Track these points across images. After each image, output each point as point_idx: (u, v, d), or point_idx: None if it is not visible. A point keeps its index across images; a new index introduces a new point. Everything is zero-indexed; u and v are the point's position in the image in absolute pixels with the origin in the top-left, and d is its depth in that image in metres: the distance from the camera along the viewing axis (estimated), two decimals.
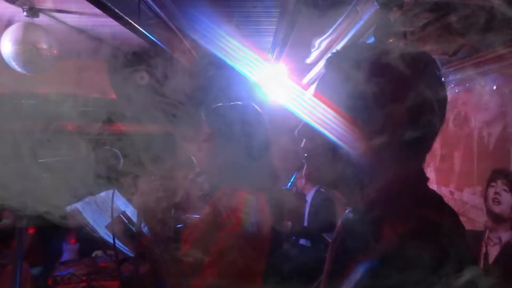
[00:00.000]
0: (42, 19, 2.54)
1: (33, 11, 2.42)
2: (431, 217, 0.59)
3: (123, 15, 1.75)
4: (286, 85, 3.55)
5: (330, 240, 2.45)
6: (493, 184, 1.57)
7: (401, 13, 1.20)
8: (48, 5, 2.48)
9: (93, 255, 4.11)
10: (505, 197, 1.50)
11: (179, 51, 3.40)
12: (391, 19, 1.13)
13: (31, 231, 2.99)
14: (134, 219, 1.86)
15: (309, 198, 3.42)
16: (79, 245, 4.23)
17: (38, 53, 2.32)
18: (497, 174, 1.55)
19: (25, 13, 2.42)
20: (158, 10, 2.32)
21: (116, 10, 1.65)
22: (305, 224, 3.25)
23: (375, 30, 1.17)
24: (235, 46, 3.37)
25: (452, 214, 0.64)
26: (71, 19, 2.75)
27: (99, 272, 3.72)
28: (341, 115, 0.67)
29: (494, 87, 1.58)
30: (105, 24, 2.96)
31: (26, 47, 2.28)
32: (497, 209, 1.53)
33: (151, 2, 2.17)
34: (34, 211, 1.13)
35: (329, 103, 0.69)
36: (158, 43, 2.51)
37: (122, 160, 1.16)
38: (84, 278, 3.54)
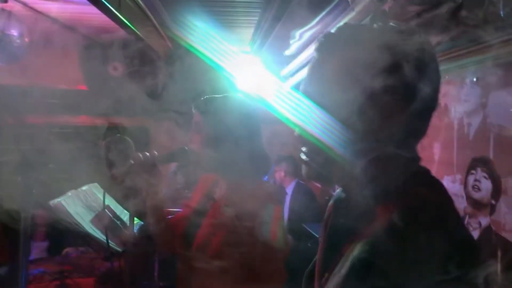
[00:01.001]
0: (10, 4, 2.40)
1: None
2: (424, 194, 0.61)
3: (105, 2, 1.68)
4: (264, 77, 3.55)
5: (311, 231, 2.47)
6: (473, 172, 1.64)
7: (393, 4, 1.22)
8: None
9: (64, 252, 3.98)
10: (484, 184, 1.57)
11: (155, 42, 3.32)
12: (386, 10, 1.15)
13: None
14: (118, 212, 1.82)
15: (289, 190, 3.46)
16: (48, 242, 4.08)
17: (9, 42, 2.20)
18: (477, 162, 1.62)
19: None
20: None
21: None
22: (286, 216, 3.29)
23: (371, 20, 1.19)
24: (212, 37, 3.33)
25: (442, 190, 0.66)
26: (41, 6, 2.62)
27: (73, 269, 3.61)
28: (336, 100, 0.67)
29: (474, 79, 1.65)
30: (76, 11, 2.85)
31: None
32: (476, 195, 1.60)
33: None
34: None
35: (323, 88, 0.69)
36: (137, 32, 2.44)
37: (133, 147, 1.13)
38: (57, 276, 3.42)
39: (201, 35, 3.22)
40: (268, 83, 3.64)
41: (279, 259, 1.12)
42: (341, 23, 1.53)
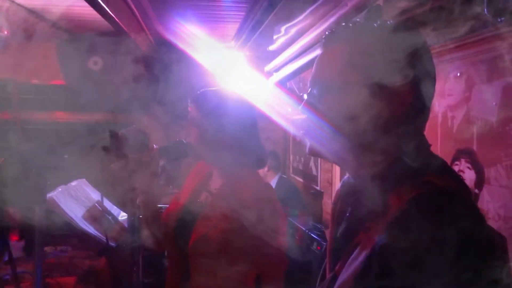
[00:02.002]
0: None
1: None
2: (436, 182, 0.63)
3: None
4: (249, 73, 3.56)
5: (298, 225, 2.49)
6: (457, 162, 1.71)
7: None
8: None
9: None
10: (468, 173, 1.64)
11: (137, 35, 3.26)
12: (380, 5, 1.19)
13: None
14: (108, 208, 1.80)
15: (272, 184, 3.49)
16: (24, 242, 3.96)
17: None
18: (460, 153, 1.69)
19: None
20: None
21: None
22: None
23: (366, 15, 1.22)
24: (195, 32, 3.30)
25: (456, 178, 0.69)
26: None
27: (52, 268, 3.53)
28: (344, 90, 0.69)
29: (458, 74, 1.72)
30: (56, 4, 2.76)
31: None
32: None
33: None
34: None
35: (330, 80, 0.72)
36: (122, 26, 2.40)
37: (149, 137, 1.12)
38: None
39: (185, 30, 3.20)
40: (252, 78, 3.66)
41: (280, 246, 1.14)
42: (334, 18, 1.57)
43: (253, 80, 3.65)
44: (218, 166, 1.29)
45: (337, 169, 3.06)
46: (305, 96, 0.76)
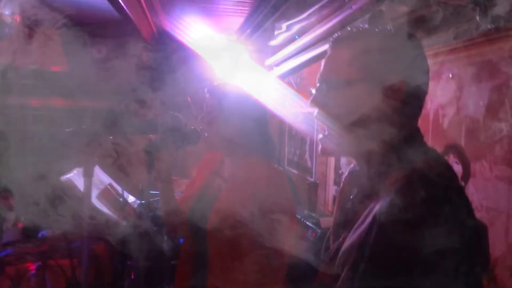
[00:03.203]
0: None
1: None
2: (426, 167, 0.73)
3: None
4: (250, 66, 3.65)
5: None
6: (445, 157, 1.85)
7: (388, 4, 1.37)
8: None
9: (40, 235, 3.95)
10: (455, 167, 1.78)
11: (141, 25, 3.33)
12: (383, 10, 1.30)
13: None
14: (119, 190, 1.90)
15: None
16: (23, 226, 4.03)
17: (0, 20, 2.17)
18: (449, 148, 1.83)
19: None
20: None
21: None
22: None
23: (369, 20, 1.33)
24: (198, 25, 3.38)
25: (445, 164, 0.81)
26: None
27: (54, 250, 3.61)
28: (349, 87, 0.81)
29: (450, 75, 1.85)
30: None
31: None
32: None
33: None
34: None
35: (337, 77, 0.83)
36: (129, 14, 2.47)
37: (185, 122, 1.22)
38: (39, 257, 3.42)
39: (188, 22, 3.28)
40: (252, 71, 3.75)
41: (291, 230, 1.24)
42: (338, 19, 1.68)
43: (253, 73, 3.75)
44: (231, 154, 1.38)
45: (331, 162, 3.19)
46: (313, 91, 0.86)
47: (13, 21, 2.29)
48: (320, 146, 0.87)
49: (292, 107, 3.76)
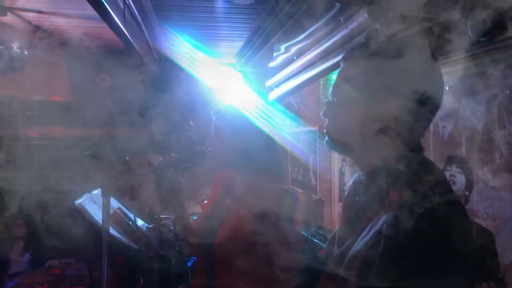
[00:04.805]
0: (9, 18, 2.47)
1: (1, 10, 2.35)
2: (428, 180, 0.77)
3: (112, 14, 1.81)
4: (249, 89, 3.73)
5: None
6: (448, 168, 1.87)
7: (383, 23, 1.43)
8: (17, 3, 2.42)
9: (46, 265, 3.95)
10: (459, 178, 1.81)
11: (143, 52, 3.43)
12: (378, 28, 1.36)
13: None
14: (129, 214, 1.92)
15: None
16: (30, 255, 4.02)
17: (10, 54, 2.26)
18: (451, 159, 1.86)
19: None
20: (137, 14, 2.38)
21: (109, 9, 1.71)
22: None
23: (366, 37, 1.39)
24: (198, 50, 3.48)
25: (443, 178, 0.84)
26: (37, 19, 2.69)
27: (61, 279, 3.61)
28: (360, 99, 0.83)
29: (447, 88, 1.90)
30: (67, 24, 2.93)
31: None
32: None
33: (133, 6, 2.23)
34: None
35: (348, 91, 0.86)
36: (134, 45, 2.56)
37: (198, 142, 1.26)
38: (46, 286, 3.41)
39: (187, 47, 3.37)
40: (252, 95, 3.83)
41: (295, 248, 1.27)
42: (335, 39, 1.74)
43: (253, 96, 3.82)
44: (240, 173, 1.42)
45: (336, 179, 3.21)
46: (326, 103, 0.89)
47: (22, 54, 2.37)
48: (325, 139, 0.90)
49: (293, 126, 3.81)
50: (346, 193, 0.97)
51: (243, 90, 3.90)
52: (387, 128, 0.81)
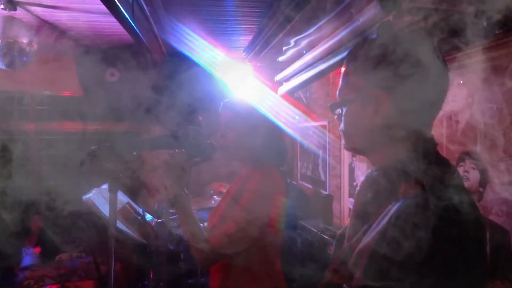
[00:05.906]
0: (19, 12, 2.47)
1: (11, 4, 2.36)
2: (440, 175, 0.75)
3: (121, 9, 1.80)
4: (259, 83, 3.71)
5: (310, 227, 2.61)
6: (461, 164, 1.84)
7: (396, 14, 1.40)
8: None
9: (57, 258, 4.00)
10: (472, 174, 1.77)
11: (153, 47, 3.42)
12: (391, 20, 1.33)
13: None
14: (138, 209, 1.92)
15: None
16: (41, 249, 4.08)
17: (19, 49, 2.26)
18: (465, 155, 1.82)
19: (2, 6, 2.35)
20: (145, 8, 2.37)
21: (117, 4, 1.70)
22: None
23: (379, 30, 1.36)
24: (207, 44, 3.46)
25: (455, 173, 0.82)
26: (46, 13, 2.70)
27: (71, 272, 3.66)
28: (367, 98, 0.82)
29: (461, 82, 1.86)
30: (76, 19, 2.93)
31: (6, 42, 2.21)
32: (466, 184, 1.80)
33: (142, 0, 2.22)
34: None
35: (355, 89, 0.85)
36: (143, 39, 2.55)
37: (206, 136, 1.25)
38: (57, 280, 3.46)
39: (196, 41, 3.36)
40: (262, 88, 3.81)
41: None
42: (345, 32, 1.71)
43: (263, 90, 3.81)
44: (248, 164, 1.41)
45: (345, 175, 3.18)
46: (334, 103, 0.89)
47: (31, 49, 2.37)
48: (343, 142, 0.90)
49: (302, 122, 3.78)
50: (358, 189, 0.96)
51: (253, 84, 3.88)
52: (397, 125, 0.79)
